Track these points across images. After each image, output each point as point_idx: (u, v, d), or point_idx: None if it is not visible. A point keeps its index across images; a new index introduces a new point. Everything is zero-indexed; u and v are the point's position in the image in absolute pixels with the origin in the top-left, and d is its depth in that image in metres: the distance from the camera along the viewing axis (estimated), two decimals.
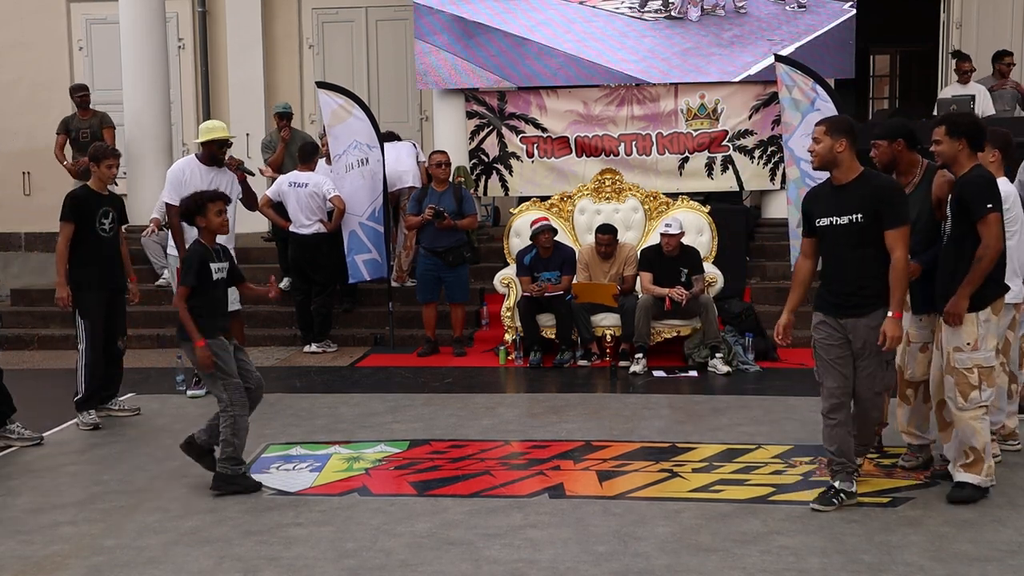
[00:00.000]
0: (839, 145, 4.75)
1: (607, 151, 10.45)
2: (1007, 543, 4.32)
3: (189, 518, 4.82)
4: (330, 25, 12.76)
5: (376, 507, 4.94)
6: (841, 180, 4.81)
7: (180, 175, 7.25)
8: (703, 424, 6.38)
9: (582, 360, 8.23)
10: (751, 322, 8.45)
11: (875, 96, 16.02)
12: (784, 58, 9.00)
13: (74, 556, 4.40)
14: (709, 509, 4.82)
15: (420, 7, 10.50)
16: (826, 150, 4.78)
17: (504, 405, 6.97)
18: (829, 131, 4.77)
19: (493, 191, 10.75)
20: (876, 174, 4.91)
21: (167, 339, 9.29)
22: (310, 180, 8.83)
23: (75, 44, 13.11)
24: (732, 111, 10.34)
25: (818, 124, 4.88)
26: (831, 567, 4.12)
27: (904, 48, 15.19)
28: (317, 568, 4.22)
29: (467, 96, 10.64)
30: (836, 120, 4.99)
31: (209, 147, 7.24)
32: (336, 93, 9.18)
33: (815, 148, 4.82)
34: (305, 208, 8.78)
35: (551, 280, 8.29)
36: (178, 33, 12.82)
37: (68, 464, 5.76)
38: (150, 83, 10.78)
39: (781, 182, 10.02)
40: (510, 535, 4.52)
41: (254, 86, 12.49)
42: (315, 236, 8.82)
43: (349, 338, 9.30)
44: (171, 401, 7.21)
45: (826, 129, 4.79)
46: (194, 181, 7.19)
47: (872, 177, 4.83)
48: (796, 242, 8.69)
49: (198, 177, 7.20)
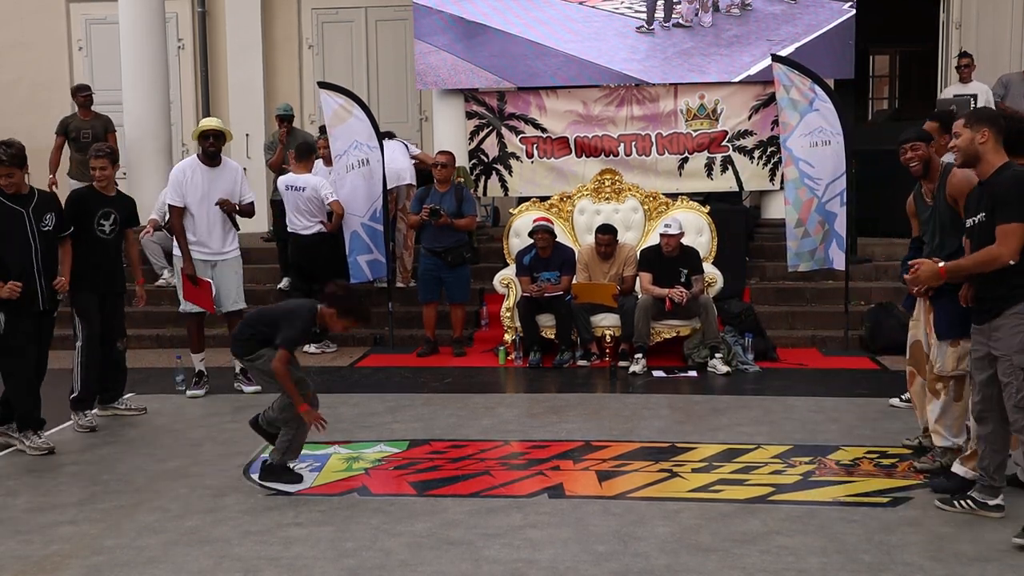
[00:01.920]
0: (980, 136, 4.40)
1: (607, 151, 10.46)
2: (1006, 543, 4.31)
3: (189, 518, 4.82)
4: (330, 25, 12.77)
5: (376, 507, 4.94)
6: (982, 175, 4.47)
7: (181, 175, 7.27)
8: (702, 424, 6.39)
9: (582, 360, 8.23)
10: (751, 322, 8.45)
11: (875, 96, 16.02)
12: (781, 58, 9.00)
13: (74, 556, 4.40)
14: (709, 509, 4.82)
15: (420, 7, 10.51)
16: (967, 143, 4.44)
17: (504, 405, 6.97)
18: (969, 122, 4.44)
19: (493, 191, 10.76)
20: (1011, 166, 4.45)
21: (167, 339, 9.30)
22: (307, 183, 8.79)
23: (75, 44, 13.12)
24: (732, 111, 10.35)
25: (957, 118, 4.59)
26: (830, 567, 4.12)
27: (904, 48, 15.19)
28: (317, 568, 4.22)
29: (467, 96, 10.64)
30: (977, 111, 4.74)
31: (201, 142, 7.27)
32: (337, 93, 9.18)
33: (956, 144, 4.49)
34: (304, 211, 8.77)
35: (551, 280, 8.29)
36: (178, 33, 12.83)
37: (68, 464, 5.75)
38: (150, 84, 10.78)
39: (780, 182, 10.02)
40: (510, 535, 4.52)
41: (254, 86, 12.49)
42: (316, 236, 8.81)
43: (348, 338, 9.28)
44: (171, 401, 7.21)
45: (965, 121, 4.45)
46: (196, 181, 7.21)
47: (1005, 169, 4.42)
48: (794, 243, 8.73)
49: (200, 177, 7.22)
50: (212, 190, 7.25)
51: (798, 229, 8.66)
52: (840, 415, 6.49)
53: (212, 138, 7.26)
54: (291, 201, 8.81)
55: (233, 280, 7.43)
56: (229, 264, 7.41)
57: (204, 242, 7.29)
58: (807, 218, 8.60)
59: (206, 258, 7.31)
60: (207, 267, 7.31)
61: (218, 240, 7.32)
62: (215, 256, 7.33)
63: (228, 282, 7.40)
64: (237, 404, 7.06)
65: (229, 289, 7.40)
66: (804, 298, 9.48)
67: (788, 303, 9.44)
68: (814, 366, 8.14)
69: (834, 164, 8.47)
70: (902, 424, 6.20)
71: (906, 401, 6.32)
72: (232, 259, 7.43)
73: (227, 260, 7.39)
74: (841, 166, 8.42)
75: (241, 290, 7.54)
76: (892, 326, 8.42)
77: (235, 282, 7.45)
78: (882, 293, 9.21)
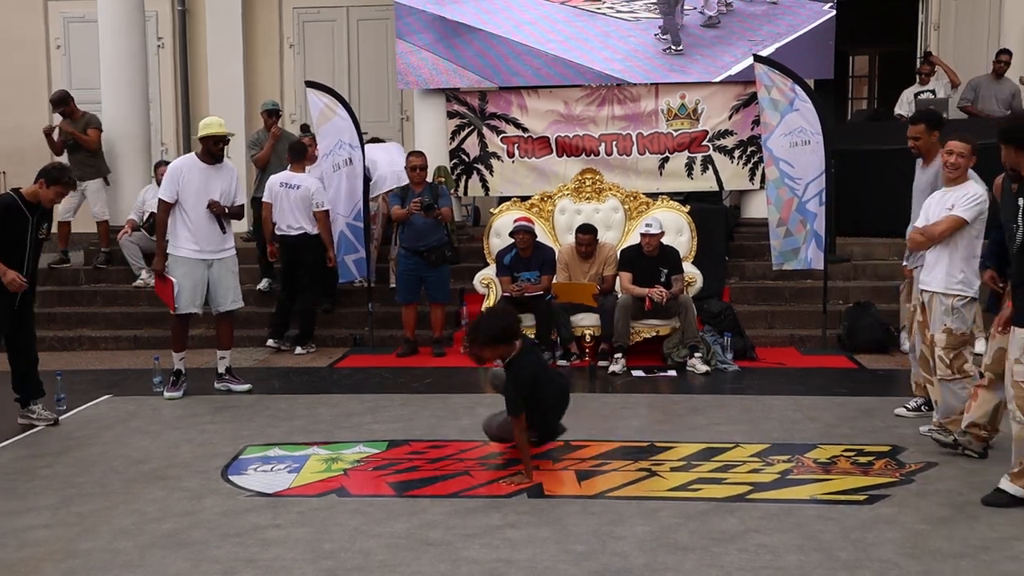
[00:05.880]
0: None
1: (588, 151, 10.47)
2: (980, 539, 4.35)
3: (166, 521, 4.78)
4: (311, 24, 12.74)
5: (355, 508, 4.92)
6: None
7: (178, 172, 7.19)
8: (681, 423, 6.40)
9: (562, 360, 8.23)
10: (730, 322, 8.48)
11: (854, 96, 16.12)
12: (763, 58, 9.05)
13: (48, 560, 4.35)
14: (687, 508, 4.83)
15: (401, 7, 10.49)
16: None
17: (483, 405, 6.93)
18: None
19: (474, 191, 10.75)
20: None
21: (144, 340, 9.25)
22: (302, 183, 8.74)
23: (53, 43, 13.04)
24: (712, 111, 10.38)
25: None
26: (808, 565, 4.13)
27: (882, 49, 15.28)
28: (295, 569, 4.20)
29: (448, 96, 10.63)
30: None
31: (205, 143, 7.21)
32: (323, 93, 9.17)
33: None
34: (295, 210, 8.73)
35: (531, 280, 8.29)
36: (157, 32, 12.77)
37: (42, 467, 5.70)
38: (129, 82, 10.73)
39: (760, 182, 10.07)
40: (489, 535, 4.51)
41: (234, 85, 12.43)
42: (302, 237, 8.78)
43: (328, 339, 9.27)
44: (148, 403, 7.16)
45: None
46: (191, 179, 7.15)
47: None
48: (777, 242, 8.76)
49: (196, 175, 7.16)
50: (209, 189, 7.17)
51: (780, 228, 8.70)
52: (818, 414, 6.52)
53: (223, 143, 7.22)
54: (282, 199, 8.76)
55: (231, 279, 7.33)
56: (226, 263, 7.30)
57: (200, 242, 7.16)
58: (788, 217, 8.65)
59: (203, 257, 7.18)
60: (204, 266, 7.19)
61: (213, 239, 7.19)
62: (212, 255, 7.21)
63: (226, 281, 7.29)
64: (215, 405, 7.03)
65: (227, 288, 7.30)
66: (783, 297, 9.52)
67: (767, 302, 9.48)
68: (792, 365, 8.18)
69: (814, 164, 8.51)
70: (879, 423, 6.24)
71: (914, 410, 6.32)
72: (229, 258, 7.33)
73: (224, 259, 7.29)
74: (821, 166, 8.47)
75: (239, 289, 7.45)
76: (870, 325, 8.48)
77: (232, 281, 7.35)
78: (860, 292, 9.25)
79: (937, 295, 5.60)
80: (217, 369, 7.49)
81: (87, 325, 9.68)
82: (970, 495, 4.90)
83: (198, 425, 6.52)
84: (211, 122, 7.32)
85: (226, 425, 6.50)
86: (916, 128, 6.28)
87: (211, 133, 7.18)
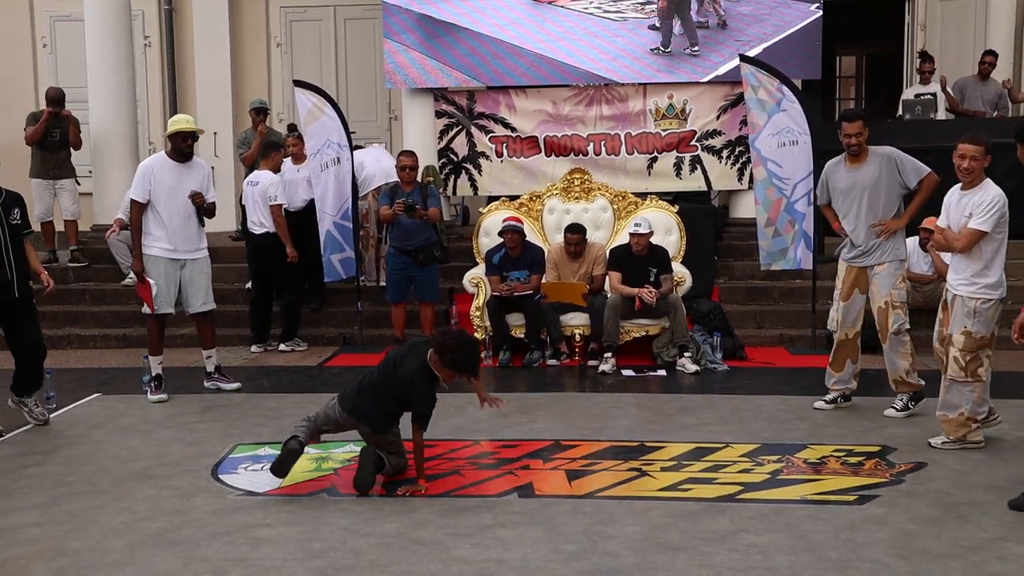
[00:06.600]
0: None
1: (576, 151, 10.48)
2: (970, 539, 4.37)
3: (156, 519, 4.77)
4: (298, 24, 12.71)
5: (345, 507, 4.92)
6: None
7: (148, 171, 7.12)
8: (671, 423, 6.41)
9: (551, 359, 8.24)
10: (719, 321, 8.51)
11: (841, 97, 16.17)
12: (749, 58, 9.07)
13: (38, 559, 4.34)
14: (677, 508, 4.84)
15: (389, 6, 10.47)
16: None
17: (473, 404, 6.89)
18: None
19: (462, 190, 10.75)
20: None
21: (133, 339, 9.21)
22: (261, 180, 8.82)
23: (39, 41, 12.97)
24: (700, 111, 10.40)
25: None
26: (798, 565, 4.15)
27: (870, 49, 15.34)
28: (285, 569, 4.19)
29: (436, 95, 10.62)
30: None
31: (174, 140, 7.14)
32: (311, 92, 9.16)
33: None
34: (257, 207, 8.75)
35: (520, 279, 8.29)
36: (144, 30, 12.72)
37: (31, 465, 5.68)
38: (116, 81, 10.67)
39: (749, 182, 10.09)
40: (479, 534, 4.51)
41: (221, 84, 12.41)
42: (264, 236, 8.78)
43: (318, 338, 9.26)
44: (137, 402, 7.13)
45: None
46: (162, 177, 7.10)
47: None
48: (765, 242, 8.79)
49: (167, 173, 7.12)
50: (180, 187, 7.13)
51: (768, 228, 8.72)
52: (808, 414, 6.54)
53: (191, 139, 7.15)
54: (248, 198, 8.82)
55: (203, 281, 7.29)
56: (199, 264, 7.26)
57: (173, 241, 7.10)
58: (777, 217, 8.67)
59: (175, 257, 7.14)
60: (176, 267, 7.16)
61: (187, 239, 7.15)
62: (184, 255, 7.16)
63: (198, 283, 7.25)
64: (205, 404, 7.01)
65: (199, 290, 7.26)
66: (772, 297, 9.55)
67: (756, 302, 9.51)
68: (782, 365, 8.20)
69: (802, 164, 8.53)
70: (869, 423, 6.27)
71: (902, 411, 6.38)
72: (202, 259, 7.29)
73: (197, 260, 7.24)
74: (809, 166, 8.49)
75: (211, 291, 7.40)
76: None
77: (204, 283, 7.30)
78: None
79: (960, 297, 5.61)
80: (206, 368, 7.46)
81: (76, 324, 9.63)
82: (959, 495, 4.93)
83: (188, 424, 6.50)
84: (179, 119, 7.28)
85: (216, 424, 6.48)
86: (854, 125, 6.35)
87: (179, 129, 7.10)
